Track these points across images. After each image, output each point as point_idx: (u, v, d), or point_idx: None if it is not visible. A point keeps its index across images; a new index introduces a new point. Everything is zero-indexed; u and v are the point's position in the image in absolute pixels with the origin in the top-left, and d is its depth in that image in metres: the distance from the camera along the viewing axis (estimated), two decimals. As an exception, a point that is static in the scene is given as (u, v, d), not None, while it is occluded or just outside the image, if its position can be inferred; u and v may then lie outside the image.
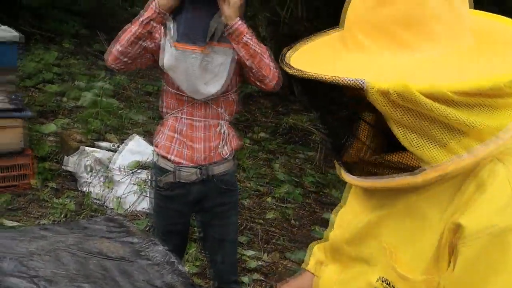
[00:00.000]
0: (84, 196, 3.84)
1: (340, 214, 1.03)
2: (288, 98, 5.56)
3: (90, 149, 4.08)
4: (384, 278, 0.83)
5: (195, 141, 2.05)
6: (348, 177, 0.88)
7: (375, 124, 0.87)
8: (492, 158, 0.76)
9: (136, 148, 3.92)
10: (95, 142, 4.35)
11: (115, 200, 3.72)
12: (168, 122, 2.09)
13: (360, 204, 0.93)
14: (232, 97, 2.10)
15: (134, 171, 3.87)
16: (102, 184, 3.85)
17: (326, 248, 1.06)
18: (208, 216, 2.19)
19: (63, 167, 4.15)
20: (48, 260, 1.55)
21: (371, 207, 0.88)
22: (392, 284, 0.81)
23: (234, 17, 1.88)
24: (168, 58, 1.96)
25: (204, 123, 2.05)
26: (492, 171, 0.76)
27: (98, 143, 4.31)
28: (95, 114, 4.73)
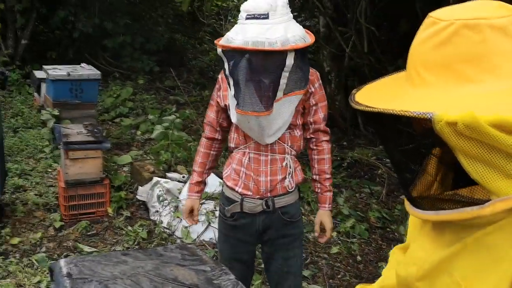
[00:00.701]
0: (155, 225, 4.03)
1: (410, 252, 1.04)
2: (353, 132, 5.55)
3: (162, 179, 4.29)
4: None
5: (261, 174, 2.12)
6: (416, 211, 0.90)
7: (443, 158, 0.89)
8: None
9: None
10: (166, 173, 4.57)
11: (183, 229, 3.86)
12: (236, 156, 2.19)
13: (431, 241, 0.94)
14: (297, 132, 2.17)
15: (202, 202, 4.01)
16: (172, 214, 4.02)
17: (394, 286, 1.07)
18: (272, 247, 2.23)
19: (137, 196, 4.39)
20: (129, 284, 1.66)
21: (443, 243, 0.89)
22: None
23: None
24: (232, 117, 2.08)
25: (270, 157, 2.12)
26: None
27: (169, 174, 4.52)
28: (166, 147, 4.97)
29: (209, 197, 4.03)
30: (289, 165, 2.14)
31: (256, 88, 1.89)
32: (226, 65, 1.94)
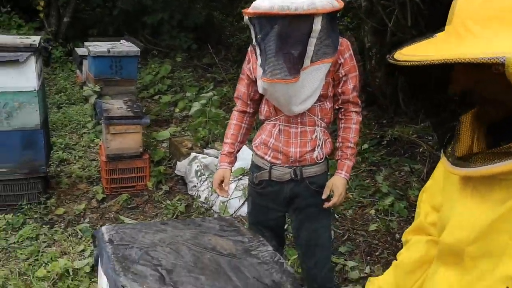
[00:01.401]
0: (193, 200, 4.08)
1: (453, 217, 1.00)
2: (393, 110, 5.41)
3: (199, 155, 4.33)
4: None
5: (290, 145, 2.11)
6: (465, 170, 0.89)
7: (486, 115, 0.89)
8: None
9: (241, 155, 4.07)
10: (204, 149, 4.61)
11: (221, 204, 3.90)
12: (266, 127, 2.18)
13: (477, 202, 0.90)
14: (327, 104, 2.12)
15: (239, 178, 4.03)
16: (209, 189, 4.06)
17: (437, 252, 1.04)
18: (300, 217, 2.22)
19: (176, 171, 4.45)
20: (168, 252, 1.69)
21: (492, 202, 0.86)
22: None
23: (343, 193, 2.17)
24: (260, 87, 2.06)
25: (300, 129, 2.10)
26: None
27: (206, 150, 4.56)
28: (204, 124, 5.00)
29: (246, 173, 4.04)
30: (318, 137, 2.12)
31: (282, 55, 1.85)
32: (253, 33, 1.92)
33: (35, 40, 3.72)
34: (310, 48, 1.88)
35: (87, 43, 6.08)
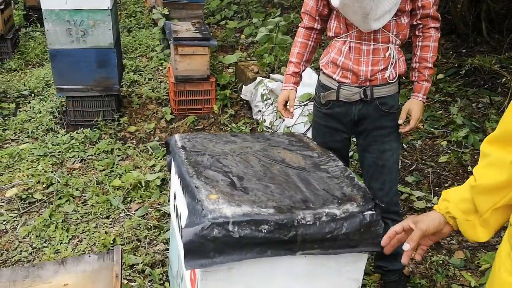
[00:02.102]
0: (258, 124, 4.11)
1: None
2: (474, 39, 5.00)
3: (265, 79, 4.30)
4: None
5: (360, 64, 2.00)
6: None
7: None
8: None
9: (307, 81, 3.98)
10: (270, 74, 4.55)
11: (285, 129, 3.89)
12: (336, 45, 2.06)
13: None
14: (404, 20, 1.97)
15: (304, 103, 3.97)
16: (275, 114, 4.05)
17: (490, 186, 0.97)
18: (367, 139, 2.13)
19: (241, 95, 4.47)
20: (238, 161, 1.71)
21: None
22: None
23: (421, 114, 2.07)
24: (336, 0, 1.92)
25: (372, 47, 1.97)
26: None
27: (272, 75, 4.51)
28: (270, 50, 4.91)
29: (311, 98, 3.97)
30: (392, 55, 1.99)
31: None
32: None
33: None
34: None
35: (155, -35, 6.02)
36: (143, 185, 3.19)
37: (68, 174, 3.36)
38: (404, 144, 3.58)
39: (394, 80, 2.04)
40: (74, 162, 3.54)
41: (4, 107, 4.41)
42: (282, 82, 4.27)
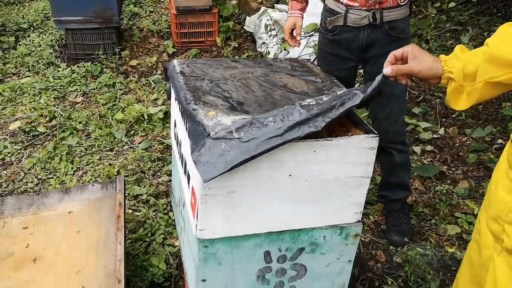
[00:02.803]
0: (262, 56, 4.00)
1: None
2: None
3: (269, 9, 4.14)
4: None
5: None
6: None
7: None
8: None
9: (313, 10, 3.83)
10: (275, 5, 4.38)
11: (290, 61, 3.79)
12: None
13: None
14: None
15: (310, 34, 3.84)
16: (279, 45, 3.93)
17: None
18: (375, 66, 2.04)
19: (245, 27, 4.33)
20: (239, 86, 1.66)
21: None
22: None
23: None
24: None
25: None
26: None
27: (277, 6, 4.34)
28: (275, -21, 4.70)
29: (317, 29, 3.83)
30: None
31: None
32: None
33: None
34: None
35: None
36: (146, 118, 3.17)
37: (70, 108, 3.33)
38: (412, 75, 3.49)
39: (405, 2, 1.93)
40: (76, 96, 3.51)
41: (4, 40, 4.32)
42: (287, 12, 4.12)
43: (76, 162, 2.77)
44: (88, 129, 3.11)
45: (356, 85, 3.29)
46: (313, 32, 3.81)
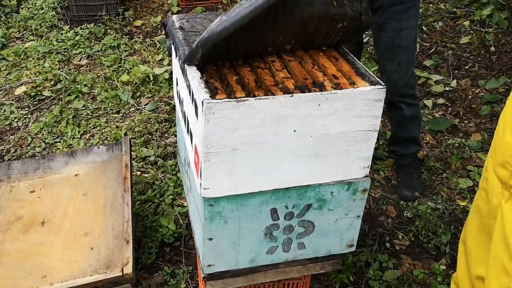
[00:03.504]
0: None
1: None
2: None
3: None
4: None
5: None
6: None
7: None
8: None
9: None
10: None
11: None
12: None
13: None
14: None
15: None
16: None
17: None
18: (383, 16, 1.96)
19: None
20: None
21: None
22: None
23: None
24: None
25: None
26: None
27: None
28: None
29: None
30: None
31: None
32: None
33: None
34: None
35: None
36: (152, 79, 3.12)
37: (75, 71, 3.30)
38: (423, 27, 3.37)
39: None
40: (81, 58, 3.46)
41: (6, 4, 4.24)
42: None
43: (82, 126, 2.76)
44: (93, 92, 3.09)
45: (366, 38, 3.18)
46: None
